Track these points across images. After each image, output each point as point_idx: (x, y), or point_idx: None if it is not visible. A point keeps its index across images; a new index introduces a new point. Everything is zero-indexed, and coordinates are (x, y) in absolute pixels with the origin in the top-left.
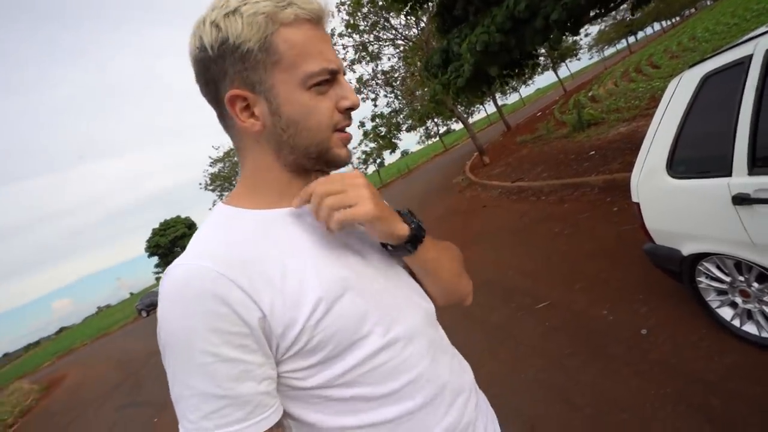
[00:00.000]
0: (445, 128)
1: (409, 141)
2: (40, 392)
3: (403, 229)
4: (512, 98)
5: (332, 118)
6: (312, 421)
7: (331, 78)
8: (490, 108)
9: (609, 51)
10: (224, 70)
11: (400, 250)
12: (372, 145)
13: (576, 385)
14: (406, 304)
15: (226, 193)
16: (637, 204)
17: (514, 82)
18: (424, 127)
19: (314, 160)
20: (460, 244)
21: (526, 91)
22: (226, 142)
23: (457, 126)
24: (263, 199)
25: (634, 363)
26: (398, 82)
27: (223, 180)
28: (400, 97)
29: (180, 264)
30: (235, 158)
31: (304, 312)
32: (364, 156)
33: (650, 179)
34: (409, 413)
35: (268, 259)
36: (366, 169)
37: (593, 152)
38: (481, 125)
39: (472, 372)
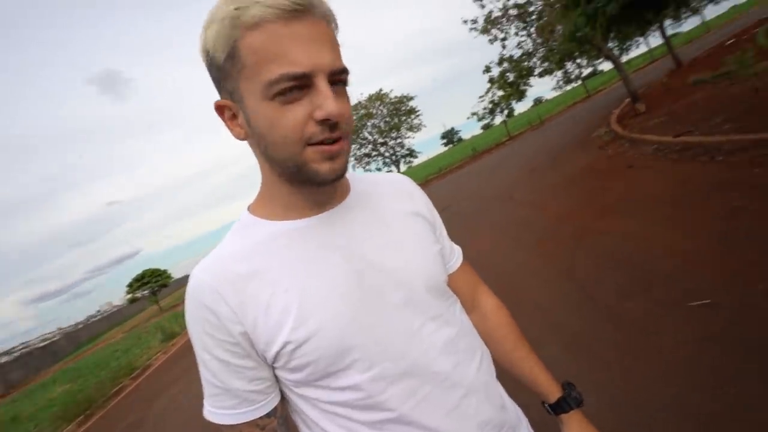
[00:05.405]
0: (589, 70)
1: (544, 87)
2: None
3: None
4: (689, 24)
5: (302, 131)
6: (314, 419)
7: (300, 84)
8: (654, 40)
9: None
10: (214, 78)
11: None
12: (499, 93)
13: (746, 425)
14: (411, 339)
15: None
16: None
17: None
18: (562, 71)
19: (295, 174)
20: (592, 213)
21: (714, 10)
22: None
23: (607, 66)
24: (273, 210)
25: None
26: (534, 17)
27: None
28: (534, 36)
29: (194, 274)
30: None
31: (279, 342)
32: (491, 106)
33: None
34: None
35: (262, 278)
36: (492, 120)
37: None
38: (638, 63)
39: (494, 410)
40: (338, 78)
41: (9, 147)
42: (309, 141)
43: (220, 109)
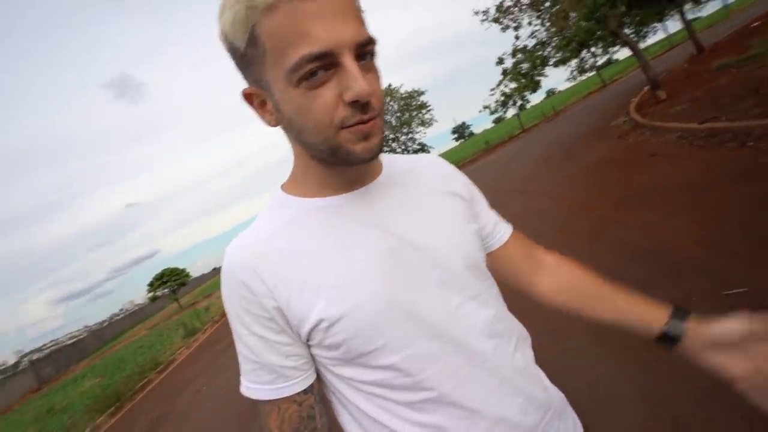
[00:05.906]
0: (605, 58)
1: (557, 78)
2: None
3: None
4: (710, 8)
5: (334, 114)
6: (350, 398)
7: (324, 64)
8: (672, 25)
9: None
10: (237, 65)
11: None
12: (512, 85)
13: None
14: (449, 318)
15: None
16: None
17: None
18: (577, 59)
19: (330, 157)
20: (612, 204)
21: None
22: None
23: (622, 55)
24: (306, 188)
25: None
26: (547, 4)
27: None
28: (547, 25)
29: (229, 252)
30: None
31: (313, 319)
32: (503, 98)
33: None
34: (433, 425)
35: (298, 254)
36: (505, 113)
37: None
38: (655, 51)
39: (535, 391)
40: (365, 50)
41: (32, 153)
42: (342, 125)
43: (248, 96)
